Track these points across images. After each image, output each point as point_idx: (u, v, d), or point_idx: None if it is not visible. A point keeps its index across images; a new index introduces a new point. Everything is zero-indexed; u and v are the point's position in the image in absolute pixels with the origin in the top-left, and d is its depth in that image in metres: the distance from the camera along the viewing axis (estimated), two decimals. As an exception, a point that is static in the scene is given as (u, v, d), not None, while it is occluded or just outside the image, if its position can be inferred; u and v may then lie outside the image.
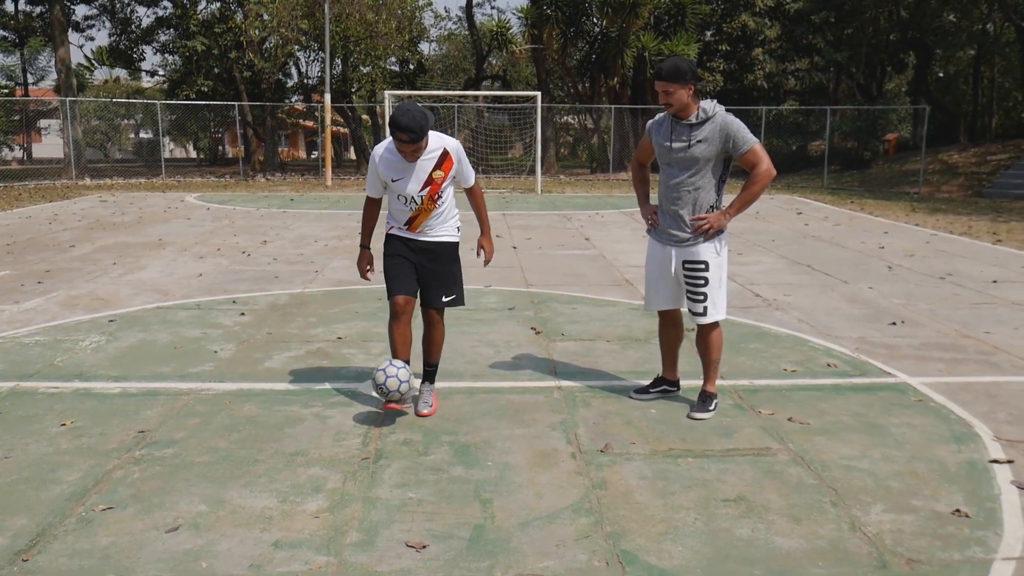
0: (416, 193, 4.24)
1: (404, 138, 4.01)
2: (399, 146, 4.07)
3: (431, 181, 4.23)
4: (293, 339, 6.07)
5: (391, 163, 4.22)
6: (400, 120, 3.98)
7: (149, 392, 4.85)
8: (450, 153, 4.27)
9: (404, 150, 4.09)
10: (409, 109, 4.01)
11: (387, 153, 4.23)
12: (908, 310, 7.17)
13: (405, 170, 4.21)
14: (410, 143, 4.04)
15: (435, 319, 4.50)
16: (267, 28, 27.19)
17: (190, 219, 14.16)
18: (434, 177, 4.23)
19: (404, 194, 4.24)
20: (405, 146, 4.06)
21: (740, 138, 4.26)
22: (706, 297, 4.43)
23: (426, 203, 4.28)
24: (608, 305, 7.32)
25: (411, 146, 4.06)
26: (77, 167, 25.14)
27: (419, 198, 4.26)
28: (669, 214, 4.45)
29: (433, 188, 4.25)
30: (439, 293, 4.43)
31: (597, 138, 31.28)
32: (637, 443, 4.12)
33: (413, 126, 3.99)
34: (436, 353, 4.57)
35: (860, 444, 4.12)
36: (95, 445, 4.03)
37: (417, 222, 4.34)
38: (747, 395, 4.87)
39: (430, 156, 4.21)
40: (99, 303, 7.27)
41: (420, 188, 4.23)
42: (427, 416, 4.45)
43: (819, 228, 13.30)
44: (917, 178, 22.62)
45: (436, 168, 4.23)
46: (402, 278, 4.35)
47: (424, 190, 4.24)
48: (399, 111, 4.02)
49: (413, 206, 4.29)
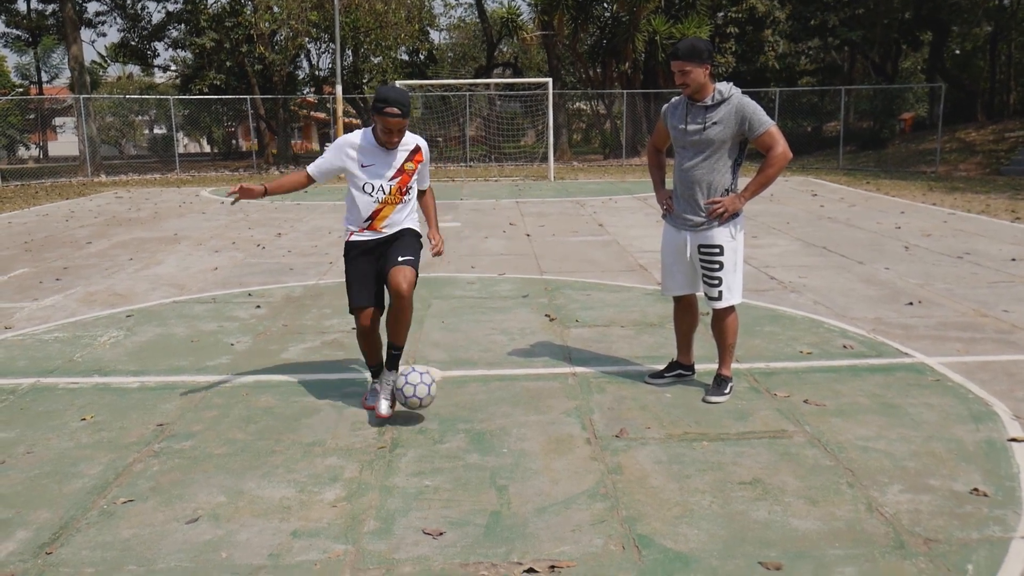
0: (386, 181, 4.18)
1: (395, 112, 3.99)
2: (387, 124, 4.01)
3: (402, 171, 4.21)
4: (308, 330, 6.10)
5: (365, 149, 4.17)
6: (389, 95, 4.00)
7: (167, 386, 4.89)
8: (421, 148, 4.29)
9: (392, 128, 4.03)
10: (394, 87, 4.08)
11: (362, 140, 4.18)
12: (925, 290, 7.11)
13: (378, 156, 4.17)
14: (401, 118, 4.02)
15: (401, 292, 4.08)
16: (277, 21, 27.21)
17: (205, 213, 14.24)
18: (405, 168, 4.22)
19: (373, 182, 4.16)
20: (394, 123, 4.01)
21: (756, 120, 4.23)
22: (721, 281, 4.41)
23: (394, 194, 4.21)
24: (622, 291, 7.31)
25: (399, 123, 4.03)
26: (92, 164, 25.31)
27: (388, 187, 4.18)
28: (684, 198, 4.43)
29: (404, 179, 4.22)
30: (396, 254, 4.19)
31: (610, 123, 31.14)
32: (652, 427, 4.12)
33: (403, 100, 4.02)
34: (403, 334, 4.28)
35: (877, 425, 4.10)
36: (115, 439, 4.08)
37: (380, 216, 4.22)
38: (763, 378, 4.86)
39: (404, 148, 4.21)
40: (117, 298, 7.33)
41: (391, 176, 4.19)
42: (386, 418, 4.22)
43: (834, 209, 13.21)
44: (934, 157, 22.39)
45: (408, 160, 4.23)
46: (365, 289, 4.27)
47: (395, 180, 4.20)
48: (385, 89, 4.06)
49: (380, 196, 4.19)
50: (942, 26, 29.19)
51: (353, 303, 4.29)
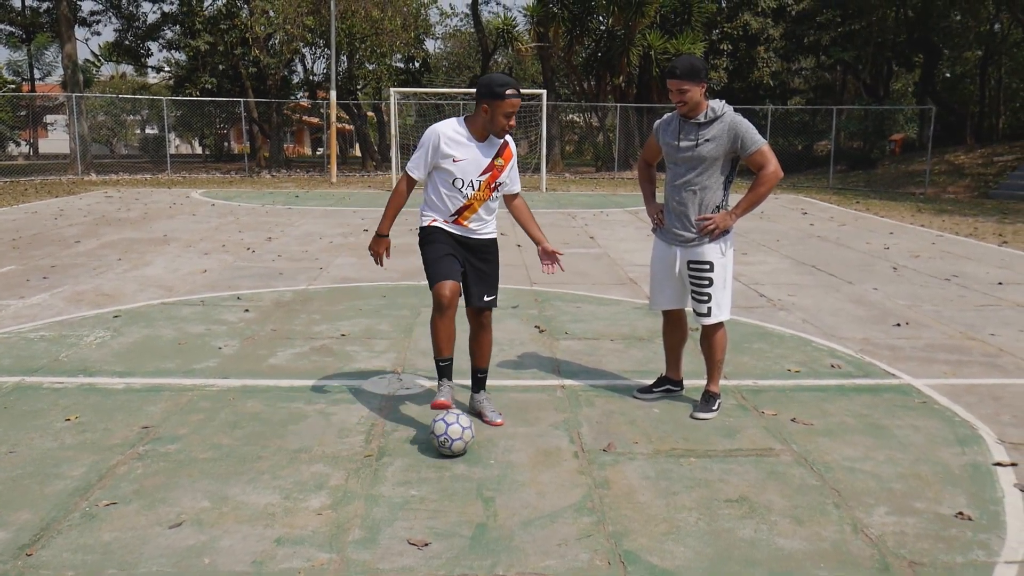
0: (476, 177, 4.05)
1: (516, 93, 3.94)
2: (512, 108, 3.92)
3: (492, 167, 4.09)
4: (297, 336, 6.08)
5: (458, 143, 4.03)
6: (506, 79, 3.96)
7: (153, 388, 4.86)
8: (510, 144, 4.19)
9: (515, 111, 3.95)
10: (501, 73, 4.06)
11: (453, 131, 4.04)
12: (913, 311, 7.15)
13: (471, 151, 4.04)
14: (519, 98, 3.96)
15: (484, 322, 4.32)
16: (272, 25, 27.20)
17: (195, 215, 14.19)
18: (496, 164, 4.10)
19: (462, 177, 4.03)
20: (517, 104, 3.95)
21: (748, 138, 4.25)
22: (710, 298, 4.42)
23: (482, 190, 4.09)
24: (612, 304, 7.32)
25: (518, 106, 3.97)
26: (83, 163, 25.20)
27: (477, 183, 4.06)
28: (675, 214, 4.45)
29: (494, 174, 4.10)
30: (482, 292, 4.21)
31: (602, 136, 31.25)
32: (640, 442, 4.11)
33: (517, 83, 3.99)
34: (486, 358, 4.40)
35: (863, 446, 4.11)
36: (99, 440, 4.04)
37: (467, 214, 4.12)
38: (750, 395, 4.86)
39: (493, 143, 4.11)
40: (104, 299, 7.29)
41: (481, 172, 4.06)
42: (500, 425, 4.28)
43: (824, 228, 13.28)
44: (923, 178, 22.57)
45: (498, 155, 4.13)
46: (449, 265, 4.06)
47: (484, 175, 4.08)
48: (494, 75, 4.02)
49: (469, 192, 4.07)
50: (934, 49, 29.48)
51: (440, 275, 4.02)
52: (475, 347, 4.39)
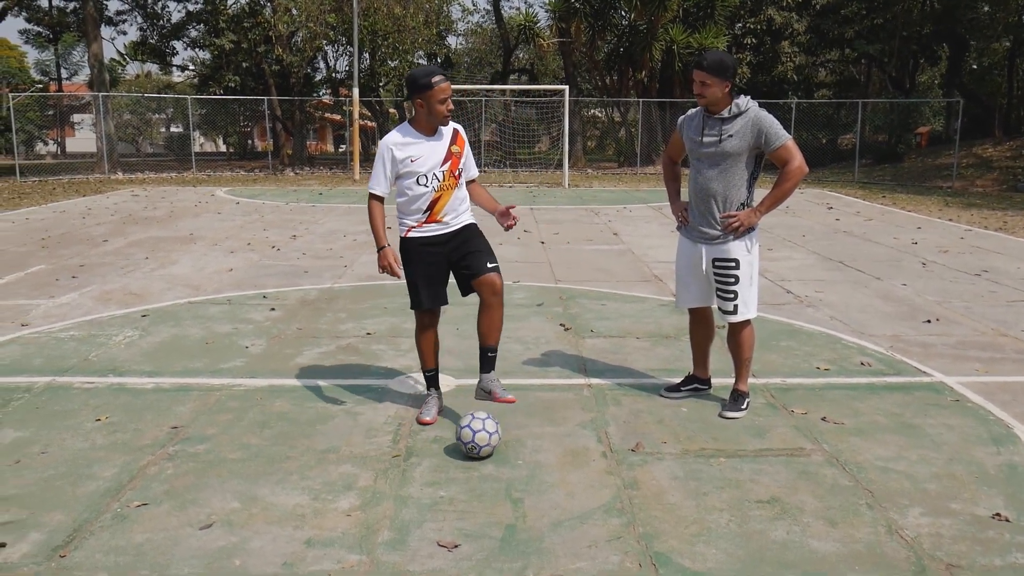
0: (438, 168, 4.12)
1: (443, 78, 4.02)
2: (443, 93, 4.01)
3: (450, 155, 4.17)
4: (323, 335, 6.10)
5: (409, 144, 4.12)
6: (429, 68, 4.09)
7: (182, 388, 4.89)
8: (459, 131, 4.28)
9: (448, 95, 4.03)
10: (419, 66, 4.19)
11: (401, 137, 4.14)
12: (943, 308, 7.05)
13: (424, 147, 4.12)
14: (448, 81, 4.05)
15: (493, 296, 4.16)
16: (295, 23, 27.31)
17: (220, 213, 14.29)
18: (452, 151, 4.18)
19: (426, 172, 4.10)
20: (448, 88, 4.03)
21: (773, 133, 4.20)
22: (736, 295, 4.38)
23: (448, 179, 4.15)
24: (637, 301, 7.28)
25: (450, 89, 4.05)
26: (110, 161, 25.46)
27: (441, 174, 4.13)
28: (699, 211, 4.41)
29: (454, 161, 4.18)
30: (483, 262, 4.17)
31: (624, 132, 31.11)
32: (668, 442, 4.08)
33: (441, 69, 4.11)
34: (497, 335, 4.27)
35: (896, 445, 4.05)
36: (130, 440, 4.07)
37: (439, 207, 4.17)
38: (779, 394, 4.81)
39: (444, 134, 4.19)
40: (132, 298, 7.35)
41: (441, 163, 4.14)
42: (513, 402, 4.37)
43: (850, 223, 13.13)
44: (950, 172, 22.27)
45: (452, 143, 4.20)
46: (429, 288, 4.23)
47: (445, 164, 4.14)
48: (418, 69, 4.16)
49: (435, 185, 4.13)
50: (961, 41, 29.05)
51: (423, 304, 4.25)
52: (485, 323, 4.24)
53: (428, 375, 4.47)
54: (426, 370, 4.46)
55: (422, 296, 4.26)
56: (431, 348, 4.39)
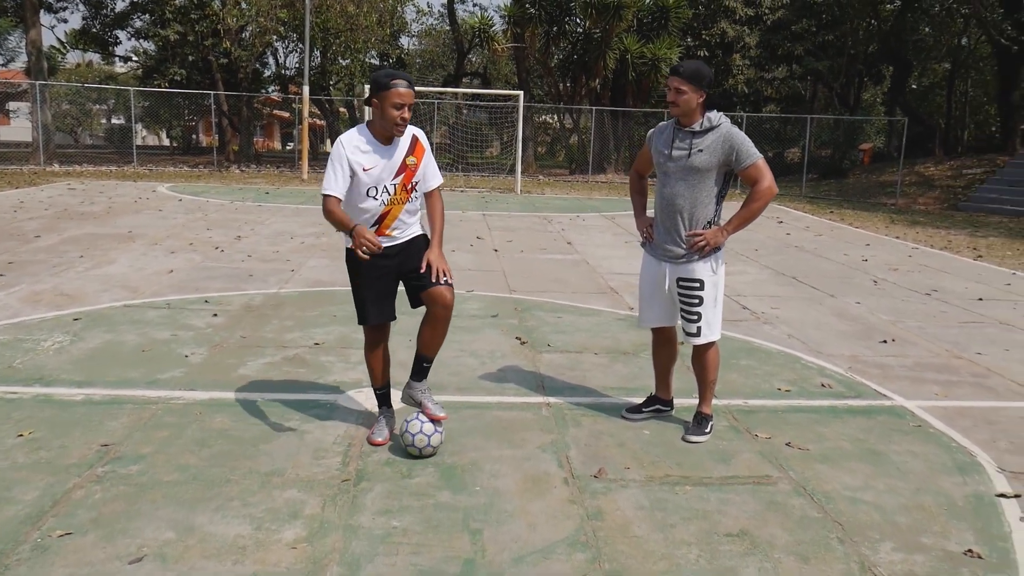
0: (389, 181, 3.81)
1: (404, 83, 3.69)
2: (400, 98, 3.66)
3: (404, 168, 3.85)
4: (268, 344, 5.81)
5: (363, 150, 3.78)
6: (391, 71, 3.74)
7: (114, 400, 4.57)
8: (419, 139, 3.95)
9: (404, 102, 3.68)
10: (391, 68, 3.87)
11: (357, 140, 3.79)
12: (897, 327, 7.05)
13: (377, 156, 3.79)
14: (410, 88, 3.71)
15: (442, 309, 3.87)
16: (245, 17, 26.70)
17: (162, 211, 13.78)
18: (407, 163, 3.87)
19: (376, 184, 3.79)
20: (406, 95, 3.68)
21: (744, 151, 4.09)
22: (700, 317, 4.25)
23: (399, 193, 3.84)
24: (593, 314, 7.13)
25: (410, 95, 3.70)
26: (46, 152, 24.53)
27: (392, 187, 3.82)
28: (665, 228, 4.26)
29: (407, 175, 3.86)
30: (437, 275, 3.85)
31: (576, 138, 31.12)
32: (632, 468, 3.92)
33: (407, 75, 3.75)
34: (437, 348, 4.04)
35: (863, 473, 3.96)
36: (54, 459, 3.76)
37: (387, 221, 3.87)
38: (742, 416, 4.70)
39: (401, 142, 3.87)
40: (64, 299, 6.95)
41: (394, 176, 3.82)
42: (445, 419, 4.02)
43: (801, 238, 13.22)
44: (894, 189, 22.71)
45: (409, 154, 3.89)
46: (377, 303, 3.98)
47: (398, 178, 3.83)
48: (382, 71, 3.81)
49: (385, 198, 3.82)
50: (904, 61, 29.73)
51: (371, 319, 4.01)
52: (427, 334, 3.97)
53: (379, 393, 4.25)
54: (377, 388, 4.23)
55: (369, 312, 4.01)
56: (380, 365, 4.17)
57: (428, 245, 3.96)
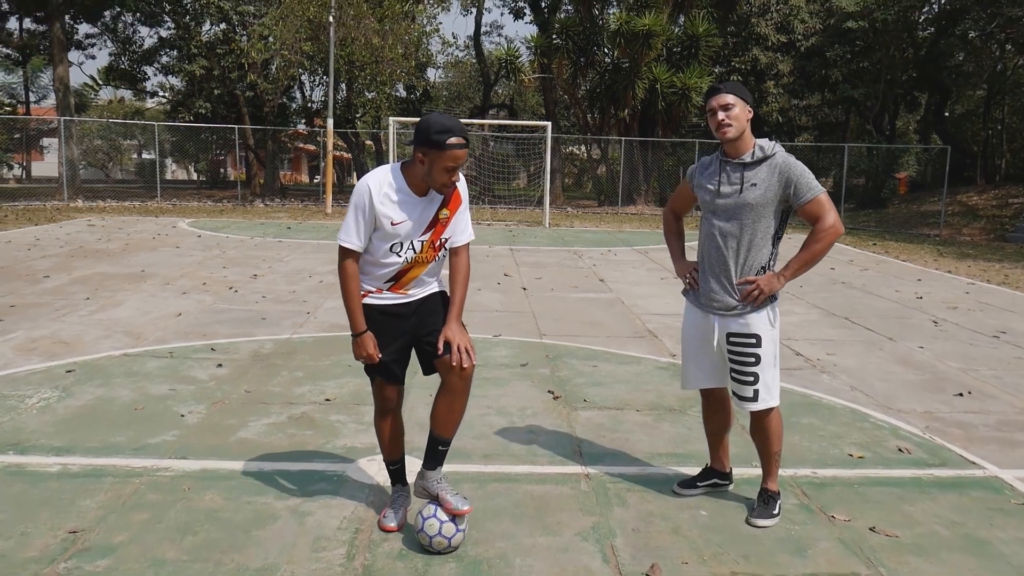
0: (417, 238, 3.25)
1: (462, 143, 3.08)
2: (455, 161, 3.08)
3: (436, 222, 3.27)
4: (274, 400, 5.25)
5: (392, 200, 3.19)
6: (450, 124, 3.08)
7: (94, 472, 4.02)
8: (458, 189, 3.34)
9: (458, 165, 3.12)
10: (442, 113, 3.16)
11: (387, 187, 3.19)
12: (971, 377, 6.35)
13: (410, 207, 3.21)
14: (466, 148, 3.12)
15: (459, 380, 3.31)
16: (270, 51, 26.59)
17: (179, 248, 13.38)
18: (440, 217, 3.28)
19: (401, 240, 3.23)
20: (461, 157, 3.10)
21: (804, 183, 3.48)
22: (757, 378, 3.60)
23: (426, 251, 3.29)
24: (632, 362, 6.51)
25: (465, 156, 3.12)
26: (70, 188, 24.41)
27: (419, 244, 3.26)
28: (712, 275, 3.64)
29: (437, 231, 3.28)
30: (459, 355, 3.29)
31: (605, 169, 30.60)
32: (690, 563, 3.29)
33: (464, 128, 3.12)
34: (454, 427, 3.42)
35: (968, 570, 3.29)
36: (11, 552, 3.20)
37: (406, 279, 3.33)
38: (813, 491, 4.05)
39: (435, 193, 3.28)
40: (60, 347, 6.46)
41: (423, 231, 3.26)
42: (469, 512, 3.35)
43: (847, 273, 12.51)
44: (936, 220, 21.89)
45: (443, 206, 3.30)
46: (390, 364, 3.40)
47: (426, 234, 3.26)
48: (438, 116, 3.12)
49: (409, 256, 3.27)
50: (943, 87, 28.97)
51: (381, 376, 3.43)
52: (443, 409, 3.38)
53: (392, 468, 3.65)
54: (389, 462, 3.64)
55: (376, 369, 3.42)
56: (391, 435, 3.56)
57: (446, 306, 3.38)
